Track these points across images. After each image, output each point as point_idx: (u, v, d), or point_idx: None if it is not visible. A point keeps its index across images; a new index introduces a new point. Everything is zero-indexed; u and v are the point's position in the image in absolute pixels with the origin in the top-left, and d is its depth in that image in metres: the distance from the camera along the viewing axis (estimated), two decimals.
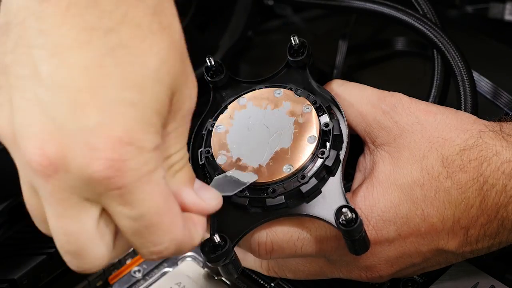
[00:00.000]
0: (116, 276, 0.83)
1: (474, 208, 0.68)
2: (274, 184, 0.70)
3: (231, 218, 0.70)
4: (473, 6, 1.00)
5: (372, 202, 0.70)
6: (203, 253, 0.68)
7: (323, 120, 0.71)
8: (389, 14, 0.82)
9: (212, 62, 0.76)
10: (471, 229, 0.69)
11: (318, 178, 0.69)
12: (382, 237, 0.70)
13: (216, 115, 0.74)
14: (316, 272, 0.74)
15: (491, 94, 0.85)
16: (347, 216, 0.66)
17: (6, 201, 0.79)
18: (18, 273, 0.78)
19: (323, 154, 0.70)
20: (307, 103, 0.72)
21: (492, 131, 0.70)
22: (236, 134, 0.72)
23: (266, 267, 0.75)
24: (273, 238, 0.70)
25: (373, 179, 0.71)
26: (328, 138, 0.70)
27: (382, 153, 0.72)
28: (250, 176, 0.70)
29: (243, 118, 0.73)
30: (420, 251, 0.71)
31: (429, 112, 0.71)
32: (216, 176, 0.70)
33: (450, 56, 0.79)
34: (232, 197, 0.70)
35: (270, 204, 0.69)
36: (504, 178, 0.68)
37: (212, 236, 0.68)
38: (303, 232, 0.70)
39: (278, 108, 0.72)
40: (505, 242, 0.71)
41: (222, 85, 0.76)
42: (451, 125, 0.70)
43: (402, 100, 0.72)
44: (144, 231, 0.59)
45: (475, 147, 0.69)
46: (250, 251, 0.72)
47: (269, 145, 0.71)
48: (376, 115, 0.72)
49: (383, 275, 0.72)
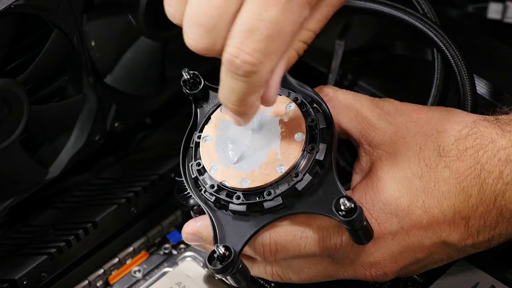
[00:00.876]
0: (116, 276, 0.83)
1: (473, 197, 0.69)
2: (269, 187, 0.70)
3: (232, 227, 0.70)
4: (472, 6, 1.00)
5: (373, 196, 0.71)
6: (210, 265, 0.68)
7: (307, 116, 0.71)
8: (390, 13, 0.82)
9: (188, 75, 0.75)
10: (471, 220, 0.70)
11: (312, 173, 0.69)
12: (385, 230, 0.70)
13: (201, 127, 0.74)
14: (320, 273, 0.74)
15: (490, 94, 0.86)
16: (346, 206, 0.66)
17: (6, 201, 0.79)
18: (18, 273, 0.78)
19: (313, 149, 0.70)
20: (289, 101, 0.72)
21: (486, 120, 0.71)
22: (223, 142, 0.72)
23: (270, 272, 0.75)
24: (276, 239, 0.71)
25: (372, 176, 0.72)
26: (316, 132, 0.71)
27: (379, 152, 0.72)
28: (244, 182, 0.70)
29: (228, 126, 0.73)
30: (423, 245, 0.71)
31: (421, 111, 0.73)
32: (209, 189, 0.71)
33: (450, 55, 0.79)
34: (230, 206, 0.70)
35: (269, 207, 0.69)
36: (501, 165, 0.69)
37: (216, 248, 0.68)
38: (306, 230, 0.70)
39: (261, 110, 0.71)
40: (504, 234, 0.71)
41: (202, 96, 0.76)
42: (444, 118, 0.72)
43: (393, 103, 0.74)
44: (257, 34, 0.60)
45: (470, 136, 0.70)
46: (255, 255, 0.72)
47: (258, 148, 0.71)
48: (371, 118, 0.74)
49: (388, 272, 0.72)
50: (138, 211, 0.85)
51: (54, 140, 0.84)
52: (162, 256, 0.85)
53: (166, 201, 0.87)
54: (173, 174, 0.85)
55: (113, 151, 0.91)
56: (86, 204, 0.84)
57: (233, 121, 0.67)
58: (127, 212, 0.84)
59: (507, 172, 0.69)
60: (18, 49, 0.77)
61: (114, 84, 0.85)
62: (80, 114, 0.83)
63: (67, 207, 0.84)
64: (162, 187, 0.85)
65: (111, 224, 0.83)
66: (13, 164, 0.79)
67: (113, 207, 0.83)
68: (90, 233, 0.82)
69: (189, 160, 0.74)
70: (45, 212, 0.84)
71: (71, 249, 0.81)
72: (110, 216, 0.83)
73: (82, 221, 0.82)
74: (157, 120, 0.94)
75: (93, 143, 0.85)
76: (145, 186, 0.84)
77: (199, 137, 0.73)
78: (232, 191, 0.70)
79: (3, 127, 0.76)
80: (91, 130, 0.84)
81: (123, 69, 0.85)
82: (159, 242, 0.86)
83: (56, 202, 0.84)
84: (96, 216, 0.82)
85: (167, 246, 0.85)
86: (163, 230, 0.86)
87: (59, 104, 0.82)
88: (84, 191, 0.85)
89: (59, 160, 0.83)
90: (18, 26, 0.75)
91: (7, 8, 0.72)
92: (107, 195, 0.84)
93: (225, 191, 0.70)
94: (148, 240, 0.85)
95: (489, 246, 0.72)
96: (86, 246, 0.82)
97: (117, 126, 0.86)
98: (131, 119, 0.88)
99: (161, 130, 0.93)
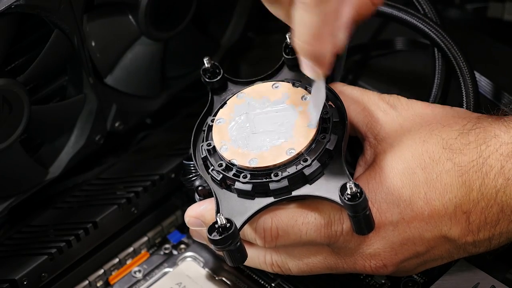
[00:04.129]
0: (117, 276, 0.83)
1: (475, 191, 0.69)
2: (277, 169, 0.70)
3: (235, 204, 0.71)
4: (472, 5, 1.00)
5: (375, 185, 0.71)
6: (210, 236, 0.68)
7: (322, 108, 0.72)
8: (390, 13, 0.82)
9: (209, 63, 0.77)
10: (472, 215, 0.70)
11: (321, 161, 0.70)
12: (386, 220, 0.71)
13: (216, 111, 0.75)
14: (320, 264, 0.74)
15: (491, 93, 0.86)
16: (352, 190, 0.66)
17: (6, 201, 0.79)
18: (19, 273, 0.78)
19: (324, 138, 0.71)
20: (305, 93, 0.73)
21: (491, 117, 0.72)
22: (236, 125, 0.73)
23: (270, 262, 0.75)
24: (278, 223, 0.71)
25: (375, 166, 0.72)
26: (328, 125, 0.71)
27: (384, 145, 0.73)
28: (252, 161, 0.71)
29: (243, 110, 0.74)
30: (423, 238, 0.71)
31: (427, 106, 0.74)
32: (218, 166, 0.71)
33: (452, 55, 0.80)
34: (236, 184, 0.70)
35: (274, 188, 0.70)
36: (503, 159, 0.69)
37: (218, 218, 0.68)
38: (308, 216, 0.71)
39: (277, 98, 0.74)
40: (505, 233, 0.71)
41: (219, 86, 0.77)
42: (449, 114, 0.73)
43: (400, 99, 0.75)
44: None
45: (474, 130, 0.71)
46: (256, 239, 0.72)
47: (270, 133, 0.72)
48: (377, 112, 0.74)
49: (388, 264, 0.73)
50: (138, 211, 0.85)
51: (54, 140, 0.84)
52: (163, 256, 0.85)
53: (167, 201, 0.87)
54: (173, 174, 0.85)
55: (114, 151, 0.91)
56: (87, 204, 0.84)
57: (310, 72, 0.68)
58: (127, 212, 0.84)
59: (509, 167, 0.69)
60: (18, 49, 0.77)
61: (115, 84, 0.85)
62: (81, 114, 0.83)
63: (68, 207, 0.84)
64: (163, 187, 0.85)
65: (111, 224, 0.83)
66: (13, 164, 0.79)
67: (114, 207, 0.83)
68: (91, 233, 0.82)
69: (200, 142, 0.75)
70: (46, 212, 0.83)
71: (72, 249, 0.81)
72: (110, 216, 0.83)
73: (83, 221, 0.82)
74: (158, 120, 0.94)
75: (93, 143, 0.85)
76: (145, 186, 0.84)
77: (212, 121, 0.74)
78: (240, 170, 0.71)
79: (4, 127, 0.76)
80: (92, 130, 0.84)
81: (124, 69, 0.85)
82: (159, 242, 0.86)
83: (57, 202, 0.84)
84: (97, 216, 0.82)
85: (168, 246, 0.85)
86: (163, 230, 0.86)
87: (60, 104, 0.82)
88: (85, 191, 0.85)
89: (59, 160, 0.83)
90: (19, 26, 0.75)
91: (7, 8, 0.72)
92: (108, 195, 0.84)
93: (232, 170, 0.71)
94: (149, 240, 0.85)
95: (490, 246, 0.72)
96: (86, 246, 0.82)
97: (117, 126, 0.86)
98: (132, 119, 0.88)
99: (162, 130, 0.93)
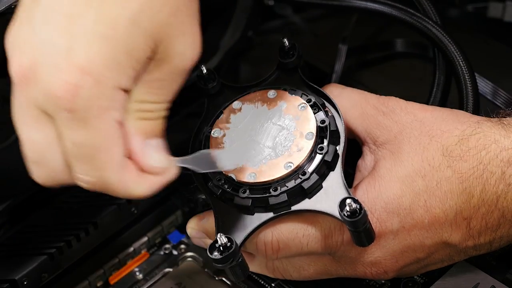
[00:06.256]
0: (117, 276, 0.83)
1: (475, 197, 0.69)
2: (275, 183, 0.70)
3: (235, 220, 0.70)
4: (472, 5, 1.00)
5: (375, 194, 0.71)
6: (211, 255, 0.68)
7: (319, 117, 0.72)
8: (390, 13, 0.82)
9: (205, 70, 0.76)
10: (473, 220, 0.70)
11: (319, 173, 0.70)
12: (386, 229, 0.70)
13: (212, 121, 0.75)
14: (321, 271, 0.74)
15: (491, 94, 0.86)
16: (352, 207, 0.66)
17: (6, 201, 0.79)
18: (19, 273, 0.78)
19: (322, 150, 0.70)
20: (301, 102, 0.73)
21: (490, 121, 0.71)
22: (233, 137, 0.73)
23: (272, 268, 0.75)
24: (278, 236, 0.71)
25: (375, 174, 0.72)
26: (325, 134, 0.71)
27: (383, 151, 0.73)
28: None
29: (239, 121, 0.73)
30: (424, 245, 0.71)
31: (426, 110, 0.73)
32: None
33: (452, 55, 0.79)
34: (235, 199, 0.70)
35: (273, 203, 0.70)
36: (503, 165, 0.69)
37: (218, 238, 0.68)
38: (308, 228, 0.71)
39: (273, 108, 0.73)
40: (506, 237, 0.71)
41: (215, 92, 0.77)
42: (449, 118, 0.72)
43: (399, 102, 0.74)
44: (79, 159, 0.62)
45: (474, 136, 0.70)
46: (257, 252, 0.72)
47: (267, 145, 0.71)
48: (376, 116, 0.74)
49: (388, 271, 0.73)
50: (138, 211, 0.85)
51: None
52: (163, 256, 0.85)
53: (167, 201, 0.87)
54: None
55: None
56: (87, 204, 0.84)
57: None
58: (127, 212, 0.84)
59: (510, 173, 0.68)
60: None
61: None
62: None
63: (68, 207, 0.84)
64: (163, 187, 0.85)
65: (111, 224, 0.83)
66: (13, 164, 0.79)
67: (113, 207, 0.83)
68: (91, 233, 0.82)
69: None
70: (46, 212, 0.83)
71: (72, 249, 0.81)
72: (110, 216, 0.83)
73: (83, 221, 0.82)
74: None
75: None
76: None
77: (209, 131, 0.74)
78: (239, 185, 0.71)
79: (4, 127, 0.76)
80: None
81: None
82: (159, 243, 0.86)
83: (57, 202, 0.84)
84: (97, 216, 0.82)
85: (168, 246, 0.85)
86: (163, 231, 0.86)
87: None
88: (85, 191, 0.85)
89: None
90: None
91: (7, 8, 0.72)
92: (108, 195, 0.84)
93: (231, 185, 0.71)
94: (149, 241, 0.85)
95: (490, 248, 0.72)
96: (86, 246, 0.82)
97: None
98: None
99: None
